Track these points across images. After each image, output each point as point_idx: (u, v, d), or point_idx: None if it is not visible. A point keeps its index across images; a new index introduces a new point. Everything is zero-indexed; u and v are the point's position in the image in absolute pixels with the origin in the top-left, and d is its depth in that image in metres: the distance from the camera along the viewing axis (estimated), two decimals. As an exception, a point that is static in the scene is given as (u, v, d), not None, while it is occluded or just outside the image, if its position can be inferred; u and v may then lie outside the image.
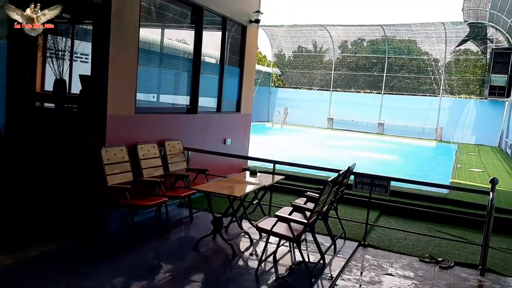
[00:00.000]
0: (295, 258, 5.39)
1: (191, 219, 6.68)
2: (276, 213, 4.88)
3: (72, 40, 7.84)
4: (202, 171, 6.87)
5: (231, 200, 5.44)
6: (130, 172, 6.01)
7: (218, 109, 8.76)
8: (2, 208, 5.60)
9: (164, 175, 6.57)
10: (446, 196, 8.20)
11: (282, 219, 4.72)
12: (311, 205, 5.14)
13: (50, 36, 7.56)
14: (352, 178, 6.28)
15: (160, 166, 6.64)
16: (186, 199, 6.58)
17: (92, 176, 5.69)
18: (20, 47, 6.12)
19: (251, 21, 9.22)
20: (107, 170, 5.61)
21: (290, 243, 5.45)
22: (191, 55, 7.89)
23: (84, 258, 4.87)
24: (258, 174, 6.61)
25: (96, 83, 6.06)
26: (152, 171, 6.44)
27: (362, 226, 6.44)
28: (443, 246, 6.21)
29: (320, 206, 4.99)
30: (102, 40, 5.84)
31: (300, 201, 5.70)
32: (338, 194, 5.90)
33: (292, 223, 4.74)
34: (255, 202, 6.57)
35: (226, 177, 6.77)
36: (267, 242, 5.19)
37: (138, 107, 6.48)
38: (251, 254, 5.52)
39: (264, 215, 6.37)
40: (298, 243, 4.88)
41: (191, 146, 7.38)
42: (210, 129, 8.41)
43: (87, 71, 6.70)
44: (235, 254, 5.41)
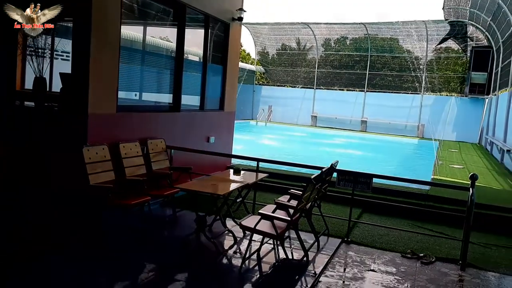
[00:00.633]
0: (278, 256, 5.41)
1: (175, 218, 6.64)
2: (260, 211, 4.89)
3: (52, 38, 7.70)
4: (186, 170, 6.83)
5: (215, 198, 5.43)
6: (112, 171, 5.94)
7: (201, 107, 8.73)
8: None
9: (147, 174, 6.52)
10: (427, 193, 8.31)
11: (265, 216, 4.73)
12: (295, 202, 5.17)
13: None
14: (335, 175, 6.33)
15: (143, 165, 6.58)
16: (169, 198, 6.54)
17: (74, 175, 5.62)
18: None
19: (234, 19, 9.19)
20: (89, 169, 5.54)
21: (274, 240, 5.46)
22: (174, 53, 7.84)
23: (65, 258, 4.81)
24: (242, 172, 6.60)
25: (76, 81, 5.98)
26: (134, 170, 6.38)
27: (345, 223, 6.49)
28: (425, 241, 6.30)
29: (303, 204, 5.01)
30: (83, 37, 5.77)
31: (284, 198, 5.73)
32: (321, 192, 5.93)
33: (275, 221, 4.75)
34: (239, 200, 6.57)
35: (209, 175, 6.75)
36: (250, 240, 5.20)
37: (120, 105, 6.41)
38: (235, 252, 5.52)
39: (248, 213, 6.38)
40: (282, 240, 4.90)
41: (174, 144, 7.33)
42: (193, 127, 8.37)
43: (69, 69, 6.61)
44: (219, 252, 5.40)
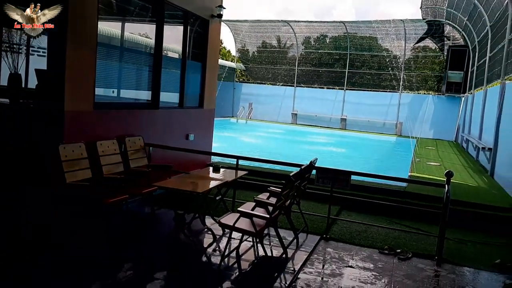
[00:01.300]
0: (258, 253, 5.41)
1: (153, 216, 6.58)
2: (239, 208, 4.88)
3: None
4: (164, 167, 6.77)
5: (194, 196, 5.40)
6: (89, 169, 5.85)
7: (181, 104, 8.66)
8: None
9: (125, 172, 6.44)
10: (405, 190, 8.43)
11: (244, 214, 4.72)
12: (274, 200, 5.18)
13: (4, 29, 7.23)
14: (314, 172, 6.36)
15: (120, 163, 6.50)
16: (147, 196, 6.48)
17: (50, 173, 5.52)
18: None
19: (213, 15, 9.14)
20: (65, 167, 5.45)
21: (253, 238, 5.46)
22: (153, 50, 7.76)
23: (42, 257, 4.72)
24: (221, 169, 6.59)
25: (52, 78, 5.86)
26: (111, 168, 6.29)
27: (324, 220, 6.53)
28: (402, 238, 6.39)
29: (282, 201, 5.03)
30: (59, 33, 5.65)
31: (263, 196, 5.73)
32: (301, 189, 5.96)
33: (254, 218, 4.75)
34: (218, 198, 6.54)
35: (188, 173, 6.71)
36: (229, 238, 5.18)
37: (97, 102, 6.32)
38: (214, 250, 5.50)
39: (228, 211, 6.36)
40: (261, 238, 4.91)
41: (152, 142, 7.26)
42: (172, 124, 8.30)
43: (45, 65, 6.47)
44: (198, 250, 5.38)
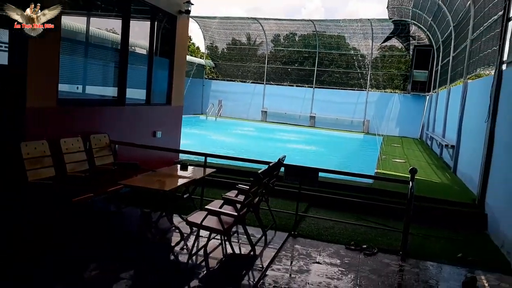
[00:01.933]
0: (226, 251, 5.39)
1: (119, 215, 6.46)
2: (206, 206, 4.85)
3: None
4: (131, 165, 6.65)
5: (161, 194, 5.32)
6: (52, 167, 5.68)
7: (148, 101, 8.52)
8: None
9: (89, 170, 6.29)
10: (371, 186, 8.58)
11: (212, 212, 4.69)
12: (243, 197, 5.16)
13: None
14: (283, 169, 6.38)
15: (85, 161, 6.34)
16: (113, 194, 6.35)
17: (12, 172, 5.33)
18: None
19: (181, 11, 9.03)
20: (27, 165, 5.28)
21: (221, 236, 5.43)
22: (119, 45, 7.59)
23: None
24: (189, 167, 6.53)
25: (14, 73, 5.65)
26: (76, 166, 6.13)
27: (292, 217, 6.57)
28: (368, 233, 6.49)
29: (250, 198, 5.02)
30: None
31: (231, 194, 5.71)
32: (269, 186, 5.97)
33: (222, 216, 4.73)
34: (186, 196, 6.48)
35: (155, 171, 6.61)
36: (197, 236, 5.14)
37: (61, 99, 6.14)
38: (181, 249, 5.44)
39: (195, 209, 6.31)
40: (228, 236, 4.88)
41: (118, 139, 7.12)
42: (139, 121, 8.16)
43: (6, 60, 6.24)
44: (165, 249, 5.31)
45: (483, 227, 7.21)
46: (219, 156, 7.44)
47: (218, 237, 5.53)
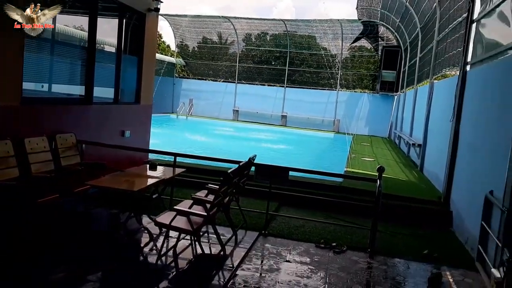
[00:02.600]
0: (196, 251, 5.34)
1: (87, 216, 6.31)
2: (175, 207, 4.80)
3: None
4: (98, 165, 6.51)
5: (129, 195, 5.23)
6: (16, 167, 5.49)
7: (116, 99, 8.35)
8: None
9: (55, 170, 6.12)
10: (341, 185, 8.69)
11: (181, 212, 4.64)
12: (212, 197, 5.12)
13: None
14: (253, 169, 6.38)
15: (51, 161, 6.16)
16: (80, 195, 6.19)
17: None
18: None
19: (150, 9, 8.90)
20: (-12, 166, 5.09)
21: (191, 236, 5.38)
22: (87, 43, 7.43)
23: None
24: (159, 167, 6.44)
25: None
26: (41, 166, 5.95)
27: (263, 216, 6.59)
28: (338, 231, 6.57)
29: (220, 198, 4.99)
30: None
31: (201, 193, 5.66)
32: (240, 186, 5.95)
33: (192, 216, 4.68)
34: (155, 196, 6.39)
35: (124, 171, 6.49)
36: (166, 237, 5.09)
37: (25, 97, 5.95)
38: (150, 250, 5.37)
39: (165, 209, 6.23)
40: (198, 236, 4.84)
41: (86, 139, 6.95)
42: (106, 121, 8.00)
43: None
44: (133, 250, 5.23)
45: (449, 224, 7.41)
46: (188, 156, 7.38)
47: (188, 237, 5.48)
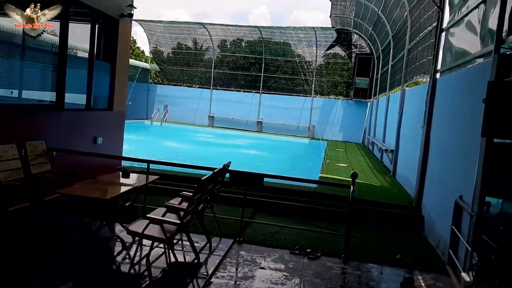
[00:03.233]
0: (169, 260, 5.27)
1: (58, 225, 6.16)
2: (148, 215, 4.73)
3: None
4: (69, 173, 6.38)
5: (101, 203, 5.14)
6: (-18, 176, 5.35)
7: (88, 106, 8.23)
8: None
9: (25, 178, 5.98)
10: (315, 190, 8.74)
11: (154, 220, 4.58)
12: (186, 204, 5.08)
13: None
14: (228, 175, 6.36)
15: (20, 169, 6.02)
16: (51, 203, 6.05)
17: None
18: None
19: (123, 15, 8.81)
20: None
21: (164, 244, 5.32)
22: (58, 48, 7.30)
23: None
24: (132, 174, 6.35)
25: None
26: (10, 174, 5.80)
27: (238, 223, 6.56)
28: (312, 237, 6.59)
29: (194, 206, 4.96)
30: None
31: (175, 201, 5.61)
32: (214, 193, 5.92)
33: (165, 224, 4.63)
34: (128, 204, 6.30)
35: (96, 178, 6.38)
36: (138, 245, 5.02)
37: (-8, 103, 5.80)
38: (123, 258, 5.27)
39: (138, 217, 6.14)
40: (171, 244, 4.79)
41: (57, 146, 6.82)
42: (78, 127, 7.86)
43: None
44: (106, 259, 5.12)
45: (421, 229, 7.54)
46: (162, 163, 7.32)
47: (162, 245, 5.42)
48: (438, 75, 8.16)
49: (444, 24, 8.09)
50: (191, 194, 5.11)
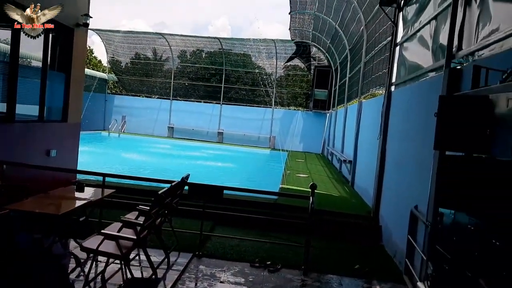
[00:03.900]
0: (126, 276, 5.10)
1: (7, 243, 5.85)
2: (103, 230, 4.57)
3: None
4: (19, 187, 6.08)
5: (54, 218, 4.93)
6: None
7: (41, 117, 7.93)
8: None
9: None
10: (276, 202, 8.75)
11: (109, 236, 4.43)
12: (143, 219, 4.95)
13: None
14: (186, 188, 6.26)
15: (-35, 184, 5.69)
16: (0, 219, 5.75)
17: None
18: None
19: (79, 24, 8.59)
20: None
21: (121, 260, 5.15)
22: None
23: None
24: (87, 188, 6.15)
25: None
26: (-47, 189, 5.48)
27: (197, 237, 6.45)
28: (273, 249, 6.57)
29: (151, 220, 4.84)
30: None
31: (132, 215, 5.47)
32: (172, 206, 5.81)
33: (121, 240, 4.49)
34: (82, 219, 6.07)
35: (49, 192, 6.12)
36: (93, 262, 4.84)
37: None
38: (77, 276, 5.07)
39: (93, 232, 5.93)
40: (127, 260, 4.64)
41: (7, 159, 6.51)
42: (30, 139, 7.55)
43: None
44: (59, 276, 4.90)
45: (378, 239, 7.68)
46: (118, 176, 7.12)
47: (118, 261, 5.24)
48: (393, 88, 8.40)
49: (398, 39, 8.36)
50: (148, 208, 4.98)
